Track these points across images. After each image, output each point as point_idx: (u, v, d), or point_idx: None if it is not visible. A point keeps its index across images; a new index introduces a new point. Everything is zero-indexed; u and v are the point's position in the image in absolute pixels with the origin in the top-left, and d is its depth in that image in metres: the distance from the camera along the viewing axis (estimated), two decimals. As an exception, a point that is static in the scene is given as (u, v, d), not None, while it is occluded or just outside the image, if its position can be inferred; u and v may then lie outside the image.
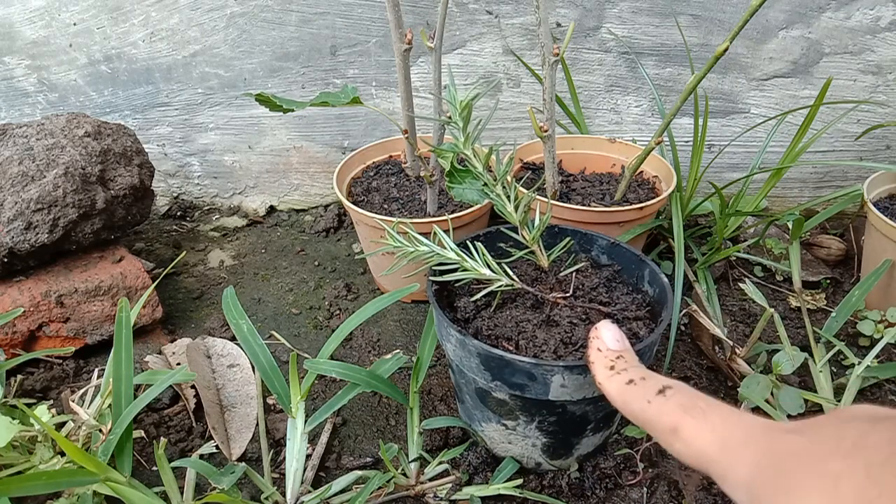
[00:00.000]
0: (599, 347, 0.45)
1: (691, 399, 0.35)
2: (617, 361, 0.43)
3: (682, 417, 0.33)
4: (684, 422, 0.33)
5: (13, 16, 1.04)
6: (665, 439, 0.34)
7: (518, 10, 1.02)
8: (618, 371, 0.42)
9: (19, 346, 0.81)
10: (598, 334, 0.46)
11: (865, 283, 0.82)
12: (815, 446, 0.26)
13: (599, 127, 1.15)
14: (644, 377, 0.40)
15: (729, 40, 0.67)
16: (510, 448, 0.65)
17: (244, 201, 1.27)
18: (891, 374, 0.74)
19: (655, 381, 0.38)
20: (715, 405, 0.33)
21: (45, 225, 0.79)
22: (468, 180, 0.66)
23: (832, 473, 0.24)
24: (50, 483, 0.48)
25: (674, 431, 0.33)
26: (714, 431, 0.31)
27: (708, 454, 0.31)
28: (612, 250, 0.68)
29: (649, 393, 0.37)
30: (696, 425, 0.32)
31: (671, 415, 0.34)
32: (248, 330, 0.68)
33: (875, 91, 1.06)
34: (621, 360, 0.43)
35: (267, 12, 1.04)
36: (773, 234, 1.08)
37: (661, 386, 0.37)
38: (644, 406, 0.37)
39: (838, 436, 0.26)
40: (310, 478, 0.67)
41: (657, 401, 0.36)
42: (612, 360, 0.44)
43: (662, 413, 0.35)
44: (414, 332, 0.93)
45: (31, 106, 1.14)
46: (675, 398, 0.35)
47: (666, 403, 0.35)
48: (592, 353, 0.46)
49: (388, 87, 1.11)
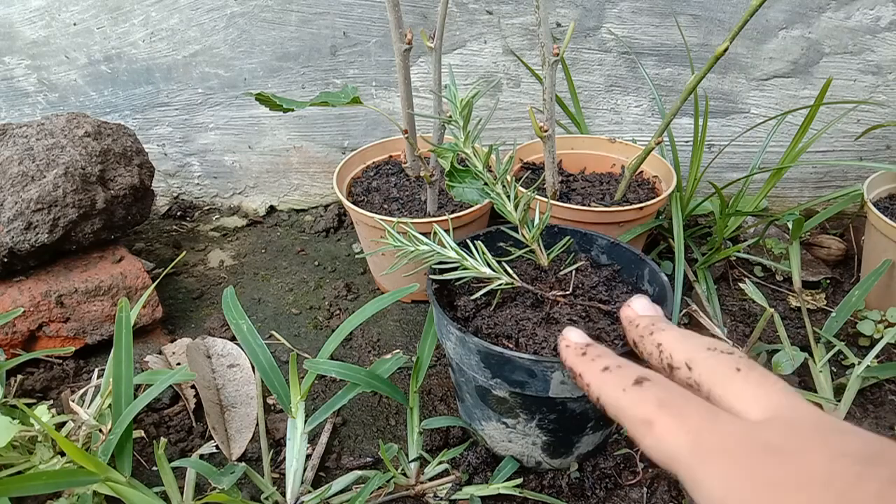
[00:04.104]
0: (567, 344, 0.44)
1: (670, 394, 0.33)
2: (588, 349, 0.42)
3: (658, 411, 0.31)
4: (659, 416, 0.31)
5: (13, 16, 1.04)
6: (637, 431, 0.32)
7: (518, 10, 1.02)
8: (591, 357, 0.40)
9: (19, 346, 0.81)
10: (564, 335, 0.46)
11: (865, 283, 0.82)
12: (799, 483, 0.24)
13: (599, 127, 1.15)
14: (620, 365, 0.38)
15: (729, 40, 0.67)
16: (510, 447, 0.65)
17: (244, 201, 1.27)
18: (891, 374, 0.74)
19: (632, 371, 0.36)
20: (694, 404, 0.31)
21: (45, 225, 0.79)
22: (468, 180, 0.66)
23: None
24: (50, 483, 0.48)
25: (646, 424, 0.31)
26: (689, 433, 0.29)
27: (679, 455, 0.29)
28: (611, 250, 0.68)
29: (625, 381, 0.35)
30: (671, 422, 0.30)
31: (646, 407, 0.32)
32: (248, 330, 0.68)
33: (875, 91, 1.06)
34: (592, 348, 0.42)
35: (267, 12, 1.04)
36: (773, 234, 1.08)
37: (637, 376, 0.35)
38: (619, 394, 0.35)
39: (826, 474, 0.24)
40: (310, 478, 0.67)
41: (633, 390, 0.34)
42: (582, 349, 0.42)
43: (636, 403, 0.33)
44: (414, 332, 0.93)
45: (31, 106, 1.14)
46: (652, 390, 0.33)
47: (642, 394, 0.33)
48: (562, 350, 0.45)
49: (388, 87, 1.11)
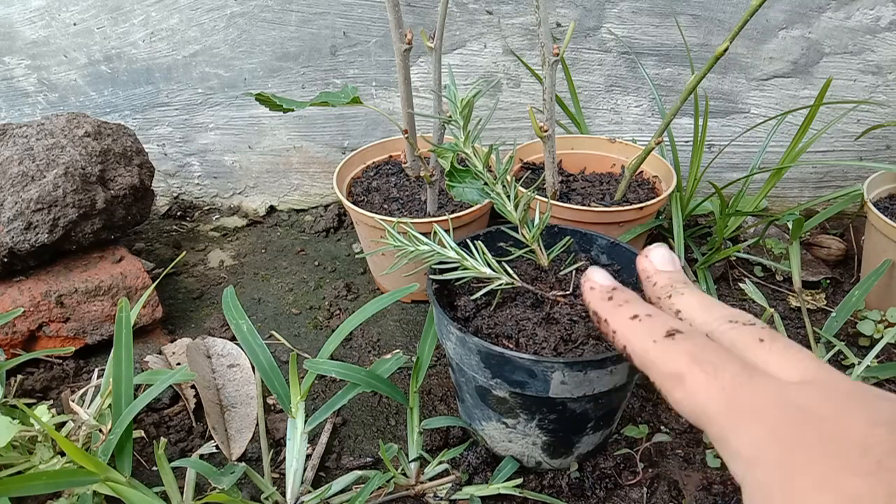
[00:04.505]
0: (592, 286, 0.41)
1: (703, 349, 0.31)
2: (614, 293, 0.39)
3: (690, 366, 0.30)
4: (691, 371, 0.29)
5: (13, 16, 1.04)
6: (666, 385, 0.31)
7: (518, 10, 1.02)
8: (619, 303, 0.38)
9: (19, 346, 0.81)
10: (588, 276, 0.43)
11: (865, 283, 0.82)
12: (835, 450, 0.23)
13: (599, 127, 1.15)
14: (650, 314, 0.35)
15: (729, 40, 0.67)
16: (510, 447, 0.65)
17: (244, 201, 1.27)
18: (891, 374, 0.74)
19: (664, 321, 0.34)
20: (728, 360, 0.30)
21: (45, 225, 0.79)
22: (468, 180, 0.66)
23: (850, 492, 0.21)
24: (50, 483, 0.48)
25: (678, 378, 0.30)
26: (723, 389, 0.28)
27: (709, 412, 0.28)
28: (611, 250, 0.68)
29: (656, 332, 0.33)
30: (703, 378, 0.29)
31: (678, 360, 0.31)
32: (248, 330, 0.68)
33: (875, 91, 1.06)
34: (618, 293, 0.39)
35: (267, 12, 1.04)
36: (773, 234, 1.08)
37: (669, 327, 0.33)
38: (648, 346, 0.33)
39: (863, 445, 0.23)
40: (310, 478, 0.67)
41: (665, 343, 0.32)
42: (608, 293, 0.40)
43: (668, 357, 0.31)
44: (414, 332, 0.93)
45: (31, 106, 1.14)
46: (684, 343, 0.32)
47: (674, 346, 0.32)
48: (586, 293, 0.41)
49: (388, 87, 1.11)
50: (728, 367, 0.29)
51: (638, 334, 0.34)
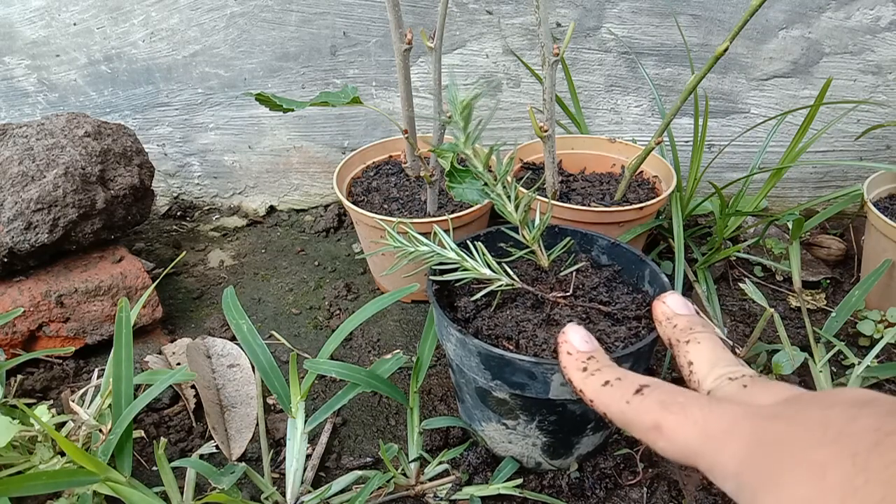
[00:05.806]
0: (569, 351, 0.44)
1: (670, 394, 0.34)
2: (589, 363, 0.42)
3: (662, 414, 0.33)
4: (664, 418, 0.32)
5: (13, 16, 1.04)
6: (648, 438, 0.34)
7: (518, 10, 1.02)
8: (591, 372, 0.41)
9: (19, 346, 0.81)
10: (565, 338, 0.45)
11: (865, 283, 0.82)
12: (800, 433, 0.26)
13: (599, 127, 1.15)
14: (620, 377, 0.39)
15: (729, 40, 0.67)
16: (510, 448, 0.65)
17: (244, 201, 1.27)
18: (891, 373, 0.74)
19: (632, 381, 0.37)
20: (694, 397, 0.33)
21: (45, 225, 0.79)
22: (468, 180, 0.66)
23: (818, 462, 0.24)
24: (50, 483, 0.48)
25: (656, 429, 0.33)
26: (696, 424, 0.31)
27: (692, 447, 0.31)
28: (612, 250, 0.68)
29: (627, 393, 0.36)
30: (676, 420, 0.32)
31: (651, 413, 0.34)
32: (248, 330, 0.68)
33: (875, 91, 1.06)
34: (593, 361, 0.42)
35: (267, 12, 1.04)
36: (773, 234, 1.08)
37: (637, 385, 0.36)
38: (623, 407, 0.36)
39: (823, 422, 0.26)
40: (310, 478, 0.67)
41: (635, 400, 0.35)
42: (583, 362, 0.42)
43: (641, 412, 0.34)
44: (414, 332, 0.93)
45: (31, 106, 1.14)
46: (653, 395, 0.35)
47: (644, 402, 0.35)
48: (563, 357, 0.44)
49: (388, 87, 1.11)
50: (694, 402, 0.32)
51: (612, 399, 0.37)
